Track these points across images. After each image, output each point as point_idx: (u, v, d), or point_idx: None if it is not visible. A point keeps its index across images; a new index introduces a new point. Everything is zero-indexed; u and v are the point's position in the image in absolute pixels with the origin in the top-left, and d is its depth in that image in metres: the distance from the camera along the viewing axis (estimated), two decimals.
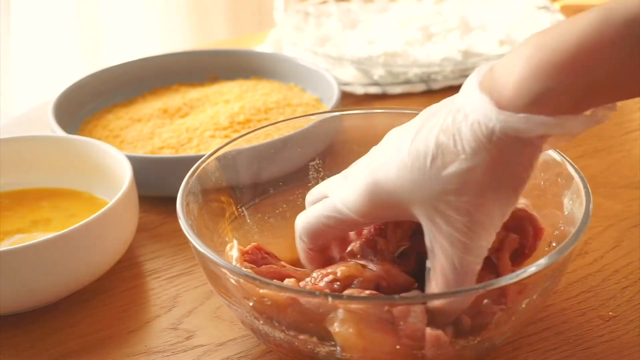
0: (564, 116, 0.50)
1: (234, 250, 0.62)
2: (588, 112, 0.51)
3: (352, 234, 0.63)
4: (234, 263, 0.61)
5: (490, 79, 0.52)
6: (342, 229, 0.60)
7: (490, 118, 0.51)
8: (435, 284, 0.55)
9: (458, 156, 0.52)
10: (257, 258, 0.63)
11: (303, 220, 0.61)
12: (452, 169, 0.53)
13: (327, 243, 0.62)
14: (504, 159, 0.52)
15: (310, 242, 0.61)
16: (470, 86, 0.53)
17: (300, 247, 0.62)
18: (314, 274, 0.60)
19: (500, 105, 0.51)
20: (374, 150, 0.59)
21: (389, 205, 0.56)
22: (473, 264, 0.54)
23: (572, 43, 0.48)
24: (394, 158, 0.55)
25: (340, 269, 0.59)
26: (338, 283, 0.59)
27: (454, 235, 0.53)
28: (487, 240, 0.54)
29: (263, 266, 0.62)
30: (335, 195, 0.59)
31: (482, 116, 0.51)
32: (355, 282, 0.59)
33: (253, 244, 0.64)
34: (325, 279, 0.59)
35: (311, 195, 0.63)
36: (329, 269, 0.59)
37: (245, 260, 0.62)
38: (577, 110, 0.50)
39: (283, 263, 0.64)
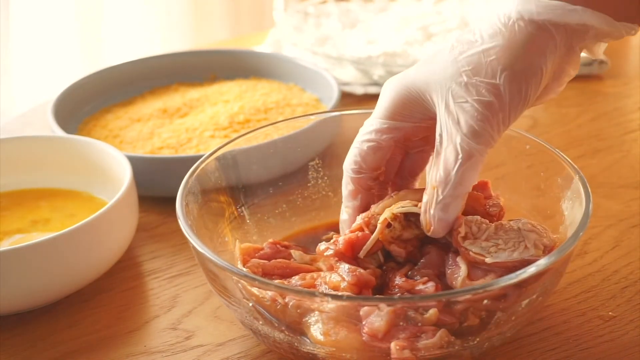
0: (581, 7, 0.53)
1: (236, 249, 0.63)
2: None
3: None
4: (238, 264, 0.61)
5: None
6: (376, 146, 0.61)
7: (509, 4, 0.55)
8: (436, 168, 0.57)
9: (475, 43, 0.56)
10: (273, 252, 0.64)
11: (348, 156, 0.63)
12: (469, 52, 0.56)
13: (367, 176, 0.62)
14: (517, 41, 0.55)
15: (354, 172, 0.62)
16: None
17: (345, 183, 0.63)
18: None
19: None
20: None
21: (410, 97, 0.58)
22: (475, 150, 0.55)
23: None
24: (424, 61, 0.59)
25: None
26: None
27: (461, 116, 0.55)
28: (492, 128, 0.55)
29: (272, 260, 0.63)
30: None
31: (502, 6, 0.55)
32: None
33: (270, 240, 0.66)
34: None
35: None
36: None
37: (259, 257, 0.63)
38: (592, 5, 0.54)
39: (300, 252, 0.65)
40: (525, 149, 0.67)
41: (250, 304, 0.58)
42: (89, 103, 0.96)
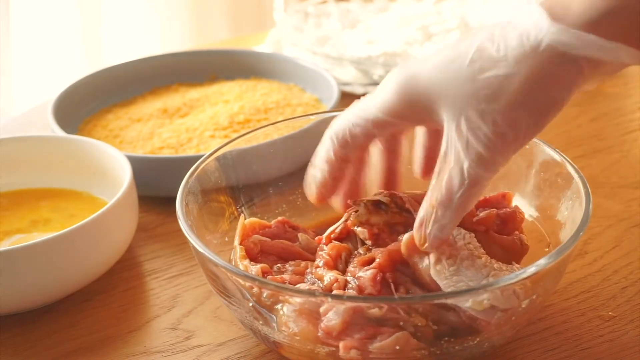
0: (617, 43, 0.50)
1: (239, 223, 0.64)
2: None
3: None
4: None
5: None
6: (368, 132, 0.58)
7: (541, 29, 0.51)
8: (438, 187, 0.54)
9: (498, 62, 0.52)
10: (279, 231, 0.65)
11: (335, 121, 0.60)
12: (489, 73, 0.52)
13: (351, 153, 0.60)
14: (544, 73, 0.51)
15: (339, 144, 0.59)
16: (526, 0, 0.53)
17: (326, 149, 0.60)
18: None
19: (556, 19, 0.50)
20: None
21: (417, 102, 0.55)
22: (481, 178, 0.53)
23: None
24: (434, 57, 0.54)
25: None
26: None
27: (472, 142, 0.52)
28: (502, 157, 0.53)
29: (275, 240, 0.63)
30: (366, 98, 0.58)
31: (532, 26, 0.51)
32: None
33: (279, 218, 0.66)
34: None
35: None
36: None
37: (263, 234, 0.64)
38: (628, 42, 0.50)
39: (307, 236, 0.65)
40: (525, 148, 0.67)
41: (250, 304, 0.58)
42: (89, 103, 0.96)
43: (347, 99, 1.01)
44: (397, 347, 0.54)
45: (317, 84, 0.96)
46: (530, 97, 0.51)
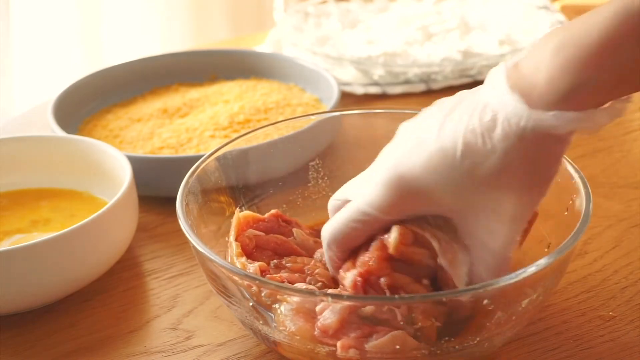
0: (591, 110, 0.51)
1: (234, 218, 0.64)
2: (606, 105, 0.52)
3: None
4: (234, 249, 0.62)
5: (518, 76, 0.52)
6: (370, 231, 0.59)
7: (521, 116, 0.51)
8: (477, 272, 0.57)
9: (489, 156, 0.53)
10: (273, 225, 0.64)
11: (330, 229, 0.60)
12: (484, 169, 0.53)
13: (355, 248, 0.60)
14: (535, 156, 0.53)
15: (339, 249, 0.60)
16: (497, 83, 0.53)
17: (330, 257, 0.61)
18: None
19: (530, 104, 0.51)
20: (390, 147, 0.58)
21: (415, 198, 0.56)
22: (506, 252, 0.56)
23: (597, 37, 0.49)
24: (417, 152, 0.55)
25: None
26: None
27: (490, 228, 0.55)
28: (519, 230, 0.55)
29: (270, 235, 0.63)
30: (359, 198, 0.58)
31: (512, 115, 0.52)
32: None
33: (273, 211, 0.65)
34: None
35: (333, 202, 0.62)
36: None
37: (256, 228, 0.63)
38: (601, 104, 0.51)
39: (302, 232, 0.65)
40: None
41: (250, 304, 0.58)
42: (89, 103, 0.96)
43: (347, 99, 1.01)
44: (397, 347, 0.54)
45: (317, 84, 0.96)
46: (527, 179, 0.53)
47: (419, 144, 0.55)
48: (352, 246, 0.59)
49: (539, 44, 0.52)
